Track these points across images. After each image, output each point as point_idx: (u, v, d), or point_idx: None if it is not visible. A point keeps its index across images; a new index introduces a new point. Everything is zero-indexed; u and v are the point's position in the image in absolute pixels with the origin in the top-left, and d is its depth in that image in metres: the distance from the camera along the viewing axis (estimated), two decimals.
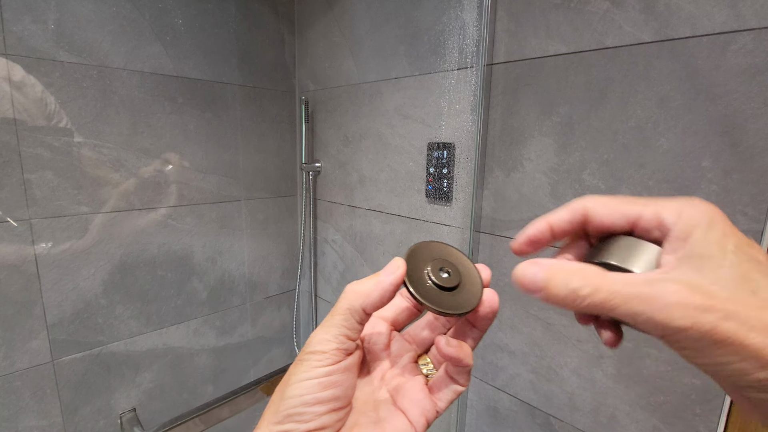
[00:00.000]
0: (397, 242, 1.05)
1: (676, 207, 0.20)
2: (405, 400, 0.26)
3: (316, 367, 0.23)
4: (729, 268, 0.18)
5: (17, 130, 0.79)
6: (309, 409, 0.22)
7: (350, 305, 0.24)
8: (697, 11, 0.56)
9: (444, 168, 0.89)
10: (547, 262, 0.21)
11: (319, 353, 0.23)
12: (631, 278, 0.19)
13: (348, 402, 0.25)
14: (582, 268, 0.20)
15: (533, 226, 0.24)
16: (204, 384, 1.20)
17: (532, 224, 0.24)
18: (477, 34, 0.79)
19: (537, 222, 0.24)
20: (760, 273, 0.18)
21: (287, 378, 0.24)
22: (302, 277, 1.39)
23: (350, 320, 0.24)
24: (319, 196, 1.28)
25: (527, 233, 0.24)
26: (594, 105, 0.67)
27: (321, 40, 1.18)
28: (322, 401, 0.23)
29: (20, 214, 0.82)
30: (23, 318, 0.85)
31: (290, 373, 0.24)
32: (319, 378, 0.23)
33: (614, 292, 0.19)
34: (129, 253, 0.99)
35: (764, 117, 0.52)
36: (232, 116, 1.13)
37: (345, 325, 0.24)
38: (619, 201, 0.22)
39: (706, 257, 0.18)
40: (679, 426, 0.63)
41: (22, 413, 0.88)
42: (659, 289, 0.18)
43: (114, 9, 0.88)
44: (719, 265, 0.18)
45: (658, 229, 0.21)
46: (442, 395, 0.26)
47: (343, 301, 0.24)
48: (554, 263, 0.21)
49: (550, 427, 0.80)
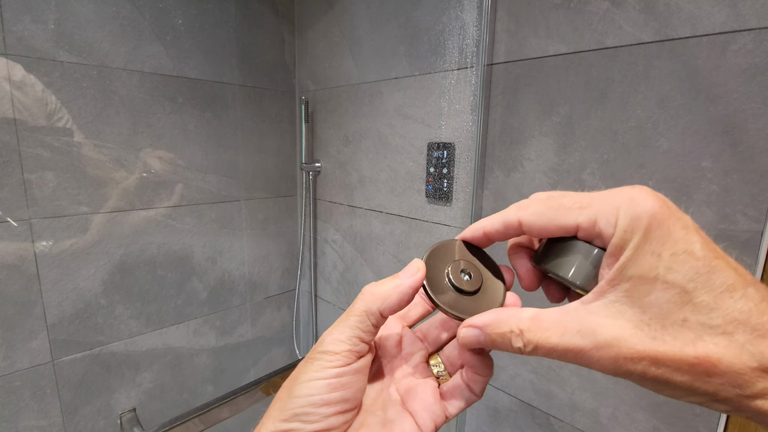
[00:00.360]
0: (397, 242, 1.05)
1: (612, 210, 0.18)
2: (415, 403, 0.25)
3: (327, 367, 0.23)
4: (659, 292, 0.17)
5: (17, 130, 0.79)
6: (316, 410, 0.22)
7: (367, 308, 0.23)
8: (697, 11, 0.56)
9: (444, 168, 0.89)
10: (482, 320, 0.22)
11: (330, 353, 0.23)
12: (563, 324, 0.19)
13: (356, 404, 0.24)
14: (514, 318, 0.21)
15: (470, 230, 0.25)
16: (204, 384, 1.20)
17: (469, 228, 0.25)
18: (477, 34, 0.79)
19: (473, 227, 0.25)
20: (701, 287, 0.17)
21: (296, 375, 0.23)
22: (302, 277, 1.39)
23: (366, 323, 0.23)
24: (319, 196, 1.28)
25: (463, 235, 0.25)
26: (594, 105, 0.67)
27: (321, 40, 1.18)
28: (330, 402, 0.22)
29: (20, 214, 0.82)
30: (23, 318, 0.85)
31: (299, 371, 0.23)
32: (328, 379, 0.22)
33: (550, 350, 0.19)
34: (129, 253, 0.99)
35: (764, 117, 0.52)
36: (232, 116, 1.13)
37: (360, 327, 0.23)
38: (554, 210, 0.21)
39: (637, 280, 0.18)
40: (679, 426, 0.63)
41: (22, 413, 0.88)
42: (589, 341, 0.18)
43: (114, 9, 0.88)
44: (648, 291, 0.17)
45: (598, 238, 0.19)
46: (454, 402, 0.26)
47: (359, 303, 0.24)
48: (488, 321, 0.22)
49: (550, 427, 0.80)
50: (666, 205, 0.18)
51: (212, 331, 1.19)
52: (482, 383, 0.25)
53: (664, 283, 0.17)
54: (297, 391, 0.22)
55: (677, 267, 0.17)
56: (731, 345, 0.16)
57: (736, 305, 0.16)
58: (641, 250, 0.17)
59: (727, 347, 0.16)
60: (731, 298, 0.16)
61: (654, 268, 0.17)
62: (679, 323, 0.17)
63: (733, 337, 0.16)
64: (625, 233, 0.18)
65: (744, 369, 0.16)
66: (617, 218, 0.18)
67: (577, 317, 0.19)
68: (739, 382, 0.16)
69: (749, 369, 0.16)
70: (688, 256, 0.17)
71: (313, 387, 0.22)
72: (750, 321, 0.16)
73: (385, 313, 0.23)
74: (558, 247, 0.22)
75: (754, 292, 0.17)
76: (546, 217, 0.21)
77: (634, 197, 0.18)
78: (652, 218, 0.17)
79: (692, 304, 0.17)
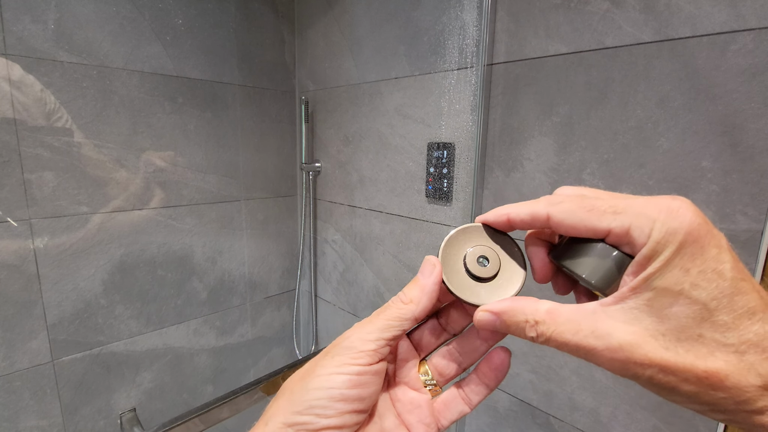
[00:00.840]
0: (397, 242, 1.05)
1: (647, 221, 0.18)
2: (411, 416, 0.26)
3: (350, 363, 0.22)
4: (681, 306, 0.18)
5: (17, 130, 0.79)
6: (333, 404, 0.22)
7: (401, 314, 0.24)
8: (697, 11, 0.56)
9: (444, 168, 0.89)
10: (500, 306, 0.22)
11: (355, 350, 0.23)
12: (577, 322, 0.20)
13: (369, 407, 0.24)
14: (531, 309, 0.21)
15: (493, 213, 0.24)
16: (204, 384, 1.20)
17: (493, 211, 0.24)
18: (477, 34, 0.79)
19: (498, 211, 0.24)
20: (723, 307, 0.17)
21: (311, 368, 0.23)
22: (302, 277, 1.39)
23: (397, 327, 0.24)
24: (319, 196, 1.28)
25: (485, 218, 0.25)
26: (594, 105, 0.67)
27: (321, 40, 1.18)
28: (347, 399, 0.22)
29: (20, 214, 0.82)
30: (23, 318, 0.85)
31: (317, 365, 0.23)
32: (349, 375, 0.22)
33: (561, 344, 0.20)
34: (129, 253, 0.99)
35: (764, 117, 0.52)
36: (232, 116, 1.13)
37: (390, 330, 0.23)
38: (588, 211, 0.20)
39: (661, 291, 0.18)
40: (679, 426, 0.63)
41: (22, 413, 0.88)
42: (602, 343, 0.19)
43: (114, 9, 0.88)
44: (670, 303, 0.18)
45: (628, 245, 0.19)
46: (447, 414, 0.26)
47: (393, 309, 0.24)
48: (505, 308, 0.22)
49: (550, 427, 0.80)
50: (704, 222, 0.18)
51: (212, 331, 1.19)
52: (483, 395, 0.26)
53: (688, 299, 0.17)
54: (314, 383, 0.22)
55: (704, 285, 0.17)
56: (741, 364, 0.17)
57: (753, 327, 0.17)
58: (671, 264, 0.18)
59: (736, 366, 0.17)
60: (749, 320, 0.17)
61: (680, 282, 0.18)
62: (695, 338, 0.17)
63: (744, 357, 0.17)
64: (658, 245, 0.18)
65: (749, 387, 0.17)
66: (652, 229, 0.18)
67: (594, 318, 0.19)
68: (743, 398, 0.17)
69: (754, 387, 0.17)
70: (716, 275, 0.17)
71: (332, 380, 0.22)
72: (763, 343, 0.17)
73: (420, 317, 0.24)
74: (582, 246, 0.21)
75: None
76: (577, 217, 0.21)
77: (673, 210, 0.18)
78: (688, 234, 0.17)
79: (711, 322, 0.17)
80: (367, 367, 0.23)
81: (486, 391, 0.26)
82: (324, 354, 0.24)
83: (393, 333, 0.23)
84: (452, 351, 0.27)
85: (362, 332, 0.23)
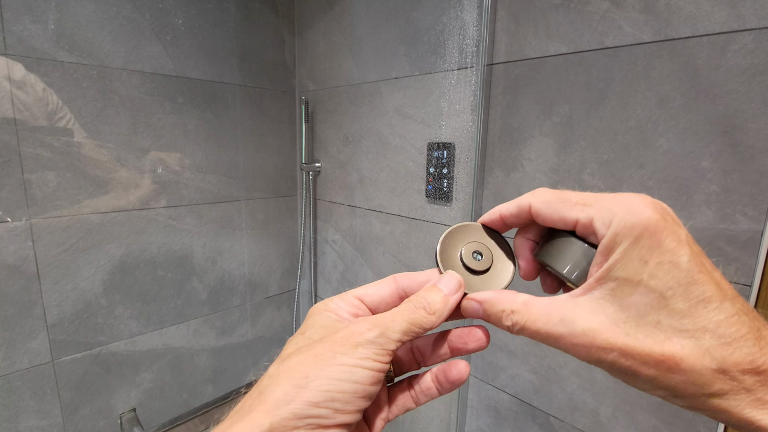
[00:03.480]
0: (397, 242, 1.05)
1: (608, 214, 0.20)
2: (369, 409, 0.25)
3: (373, 359, 0.21)
4: (640, 295, 0.19)
5: (17, 130, 0.79)
6: (356, 401, 0.20)
7: (423, 322, 0.23)
8: (697, 11, 0.56)
9: (444, 168, 0.89)
10: (483, 296, 0.24)
11: (380, 347, 0.21)
12: (548, 312, 0.21)
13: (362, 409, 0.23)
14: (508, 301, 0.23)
15: (488, 213, 0.27)
16: (204, 384, 1.20)
17: (488, 212, 0.27)
18: (477, 34, 0.79)
19: (492, 210, 0.26)
20: (678, 296, 0.18)
21: (328, 355, 0.21)
22: (302, 277, 1.39)
23: (414, 334, 0.23)
24: (319, 196, 1.28)
25: (482, 218, 0.27)
26: (594, 105, 0.67)
27: (321, 40, 1.18)
28: (368, 396, 0.21)
29: (20, 214, 0.82)
30: (23, 318, 0.85)
31: (334, 352, 0.21)
32: (374, 372, 0.21)
33: (534, 332, 0.22)
34: (129, 253, 0.99)
35: (764, 117, 0.52)
36: (232, 116, 1.13)
37: (409, 334, 0.23)
38: (561, 202, 0.22)
39: (622, 281, 0.19)
40: (679, 426, 0.63)
41: (23, 413, 0.88)
42: (567, 330, 0.20)
43: (114, 9, 0.88)
44: (630, 293, 0.19)
45: (593, 235, 0.21)
46: (394, 409, 0.26)
47: (418, 316, 0.23)
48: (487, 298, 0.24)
49: (550, 427, 0.80)
50: (663, 218, 0.19)
51: (212, 331, 1.19)
52: (432, 398, 0.26)
53: (646, 288, 0.19)
54: (338, 374, 0.20)
55: (660, 275, 0.18)
56: (696, 348, 0.18)
57: (708, 315, 0.18)
58: (629, 255, 0.19)
59: (692, 350, 0.18)
60: (705, 309, 0.18)
61: (639, 273, 0.19)
62: (653, 324, 0.19)
63: (699, 342, 0.18)
64: (616, 236, 0.19)
65: (704, 370, 0.18)
66: (611, 222, 0.20)
67: (563, 307, 0.21)
68: (699, 381, 0.18)
69: (709, 370, 0.18)
70: (672, 266, 0.18)
71: (358, 374, 0.20)
72: (718, 330, 0.18)
73: (436, 327, 0.24)
74: (557, 242, 0.23)
75: (729, 306, 0.18)
76: (552, 207, 0.22)
77: (632, 206, 0.19)
78: (644, 228, 0.19)
79: (668, 309, 0.18)
80: (385, 366, 0.22)
81: (437, 395, 0.26)
82: (340, 341, 0.22)
83: (409, 337, 0.23)
84: (416, 350, 0.27)
85: (388, 330, 0.22)
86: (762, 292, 0.55)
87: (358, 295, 0.26)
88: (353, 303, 0.26)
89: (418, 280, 0.26)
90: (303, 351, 0.22)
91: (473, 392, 0.93)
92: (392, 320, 0.23)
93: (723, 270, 0.58)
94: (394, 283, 0.26)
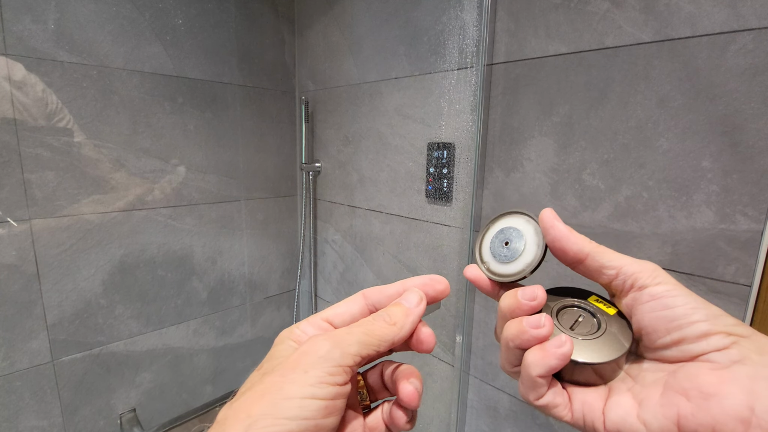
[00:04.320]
0: (397, 242, 1.05)
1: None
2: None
3: (326, 382, 0.19)
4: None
5: (17, 130, 0.79)
6: None
7: (382, 333, 0.22)
8: (697, 11, 0.56)
9: (444, 168, 0.89)
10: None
11: (333, 364, 0.19)
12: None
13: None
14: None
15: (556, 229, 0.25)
16: (203, 384, 1.20)
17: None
18: (477, 34, 0.79)
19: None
20: None
21: (278, 386, 0.19)
22: (302, 277, 1.39)
23: (374, 347, 0.21)
24: (319, 196, 1.28)
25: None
26: (594, 105, 0.67)
27: (321, 40, 1.18)
28: (321, 430, 0.19)
29: (20, 214, 0.82)
30: (23, 318, 0.85)
31: (285, 380, 0.19)
32: (326, 401, 0.19)
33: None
34: (129, 253, 0.99)
35: (764, 117, 0.52)
36: (232, 116, 1.13)
37: (368, 347, 0.21)
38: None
39: None
40: None
41: (23, 413, 0.88)
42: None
43: (114, 9, 0.88)
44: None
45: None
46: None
47: (376, 327, 0.22)
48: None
49: (550, 427, 0.80)
50: None
51: (212, 331, 1.19)
52: (408, 419, 0.24)
53: None
54: (285, 411, 0.18)
55: None
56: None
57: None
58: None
59: None
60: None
61: None
62: None
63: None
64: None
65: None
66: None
67: None
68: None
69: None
70: None
71: (307, 408, 0.18)
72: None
73: (399, 342, 0.23)
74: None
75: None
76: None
77: None
78: None
79: None
80: (341, 388, 0.20)
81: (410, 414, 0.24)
82: (290, 366, 0.19)
83: (369, 351, 0.21)
84: (385, 377, 0.26)
85: (342, 344, 0.20)
86: (762, 292, 0.55)
87: (326, 317, 0.24)
88: (321, 326, 0.24)
89: (387, 293, 0.25)
90: (254, 387, 0.20)
91: (473, 392, 0.93)
92: (348, 332, 0.21)
93: (723, 270, 0.58)
94: (364, 299, 0.25)
